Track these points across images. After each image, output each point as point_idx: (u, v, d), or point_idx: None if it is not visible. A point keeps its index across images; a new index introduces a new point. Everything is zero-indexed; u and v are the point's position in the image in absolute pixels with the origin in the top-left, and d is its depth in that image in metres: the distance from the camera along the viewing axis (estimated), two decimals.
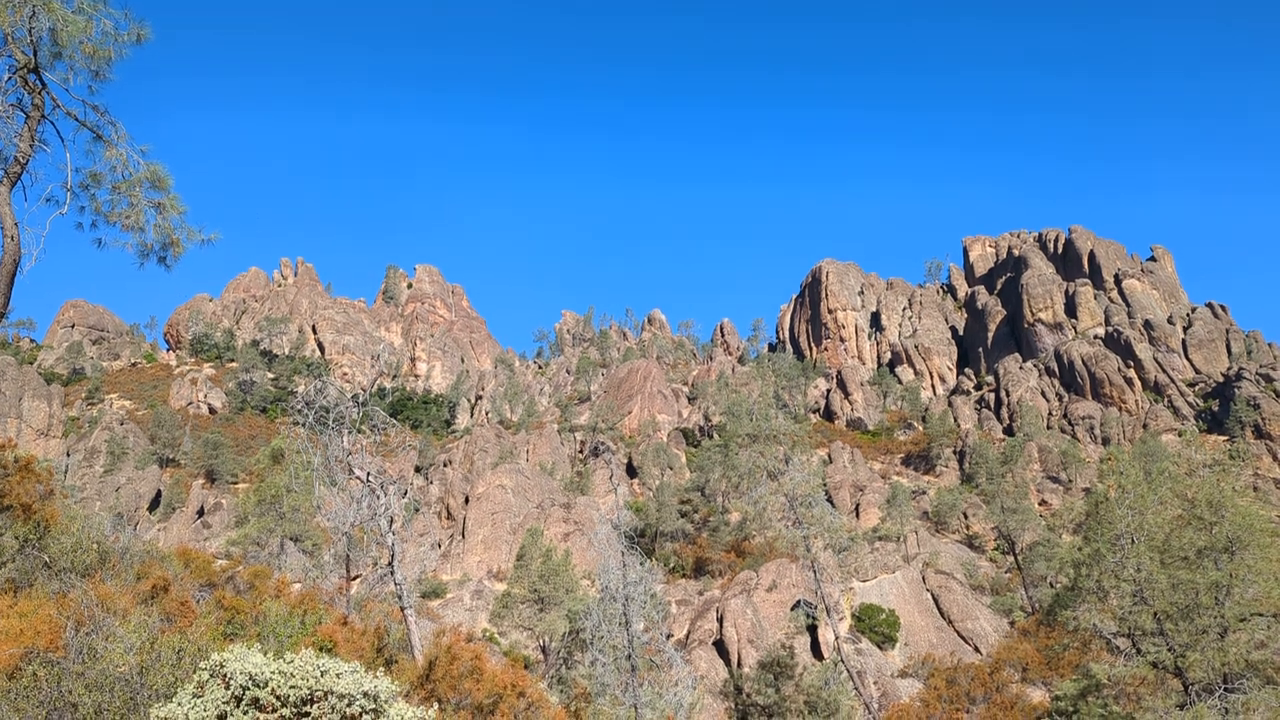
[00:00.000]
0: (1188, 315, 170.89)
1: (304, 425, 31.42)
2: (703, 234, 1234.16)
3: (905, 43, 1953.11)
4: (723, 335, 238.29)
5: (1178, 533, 28.54)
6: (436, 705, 12.53)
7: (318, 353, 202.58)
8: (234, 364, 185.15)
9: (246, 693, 10.38)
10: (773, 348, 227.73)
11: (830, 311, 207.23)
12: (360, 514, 31.28)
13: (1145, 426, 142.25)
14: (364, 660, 21.49)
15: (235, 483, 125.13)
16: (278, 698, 10.33)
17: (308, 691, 10.34)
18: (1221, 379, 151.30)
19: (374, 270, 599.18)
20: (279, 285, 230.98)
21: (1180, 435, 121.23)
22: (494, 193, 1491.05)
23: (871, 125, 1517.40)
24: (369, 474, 31.25)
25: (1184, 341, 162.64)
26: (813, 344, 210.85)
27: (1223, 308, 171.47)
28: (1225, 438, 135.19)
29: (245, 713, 10.27)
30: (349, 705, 10.41)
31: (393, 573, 29.89)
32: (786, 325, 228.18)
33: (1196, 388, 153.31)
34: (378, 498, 30.88)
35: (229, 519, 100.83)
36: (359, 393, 33.54)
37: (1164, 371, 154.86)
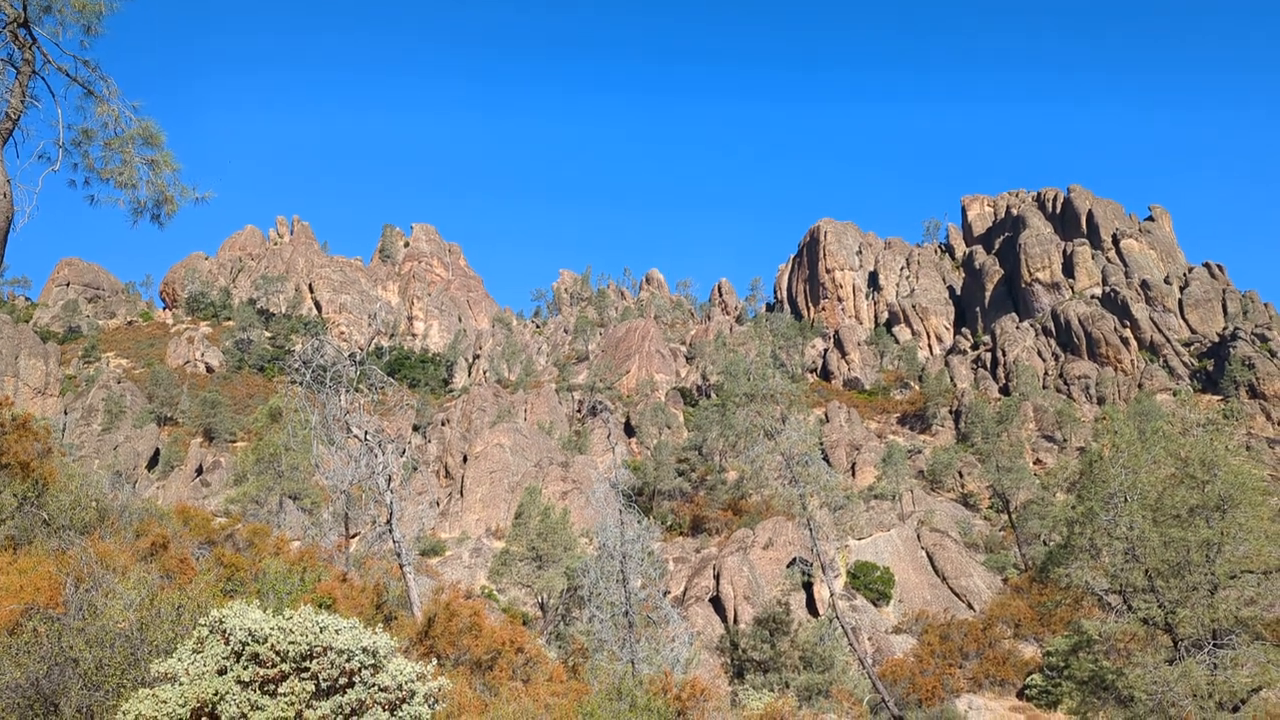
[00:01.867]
0: (1184, 275, 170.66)
1: (302, 384, 31.44)
2: (701, 193, 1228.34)
3: (904, 1, 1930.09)
4: (721, 295, 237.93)
5: (1170, 491, 28.73)
6: (435, 661, 12.68)
7: (315, 311, 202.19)
8: (231, 323, 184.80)
9: (246, 648, 10.49)
10: (770, 307, 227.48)
11: (828, 271, 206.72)
12: (358, 472, 31.41)
13: (1140, 386, 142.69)
14: (363, 617, 21.70)
15: (233, 441, 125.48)
16: (277, 653, 10.44)
17: (307, 647, 10.45)
18: (1217, 339, 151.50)
19: (371, 229, 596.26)
20: (275, 244, 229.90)
21: (1175, 395, 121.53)
22: (491, 151, 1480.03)
23: (871, 84, 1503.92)
24: (367, 432, 31.33)
25: (1180, 301, 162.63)
26: (810, 304, 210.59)
27: (1220, 267, 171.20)
28: (1220, 397, 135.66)
29: (245, 668, 10.38)
30: (348, 660, 10.52)
31: (391, 531, 30.09)
32: (784, 285, 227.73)
33: (1192, 347, 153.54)
34: (375, 456, 30.99)
35: (227, 477, 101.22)
36: (356, 351, 33.53)
37: (1160, 331, 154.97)
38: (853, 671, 45.42)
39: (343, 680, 10.57)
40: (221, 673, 10.59)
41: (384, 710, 10.46)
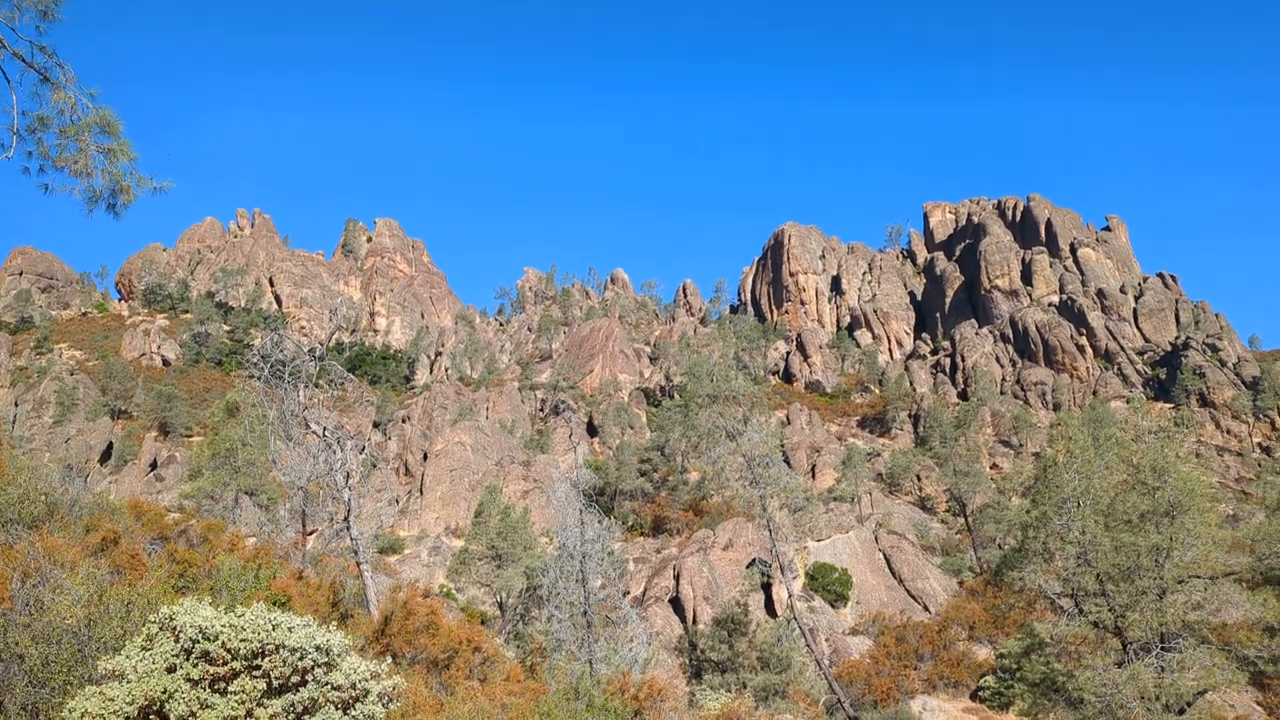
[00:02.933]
0: (1139, 285, 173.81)
1: (260, 378, 31.06)
2: (668, 194, 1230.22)
3: (871, 3, 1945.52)
4: (685, 296, 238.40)
5: (1122, 497, 29.24)
6: (391, 659, 12.58)
7: (275, 305, 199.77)
8: (188, 315, 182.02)
9: (196, 645, 10.33)
10: (734, 309, 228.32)
11: (792, 274, 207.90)
12: (316, 469, 31.07)
13: (1095, 393, 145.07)
14: (319, 615, 21.47)
15: (189, 435, 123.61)
16: (228, 650, 10.30)
17: (259, 645, 10.32)
18: (1169, 348, 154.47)
19: (333, 223, 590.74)
20: (235, 236, 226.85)
21: (1128, 402, 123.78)
22: (456, 147, 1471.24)
23: (838, 83, 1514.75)
24: (325, 429, 31.00)
25: (1135, 310, 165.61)
26: (774, 306, 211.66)
27: (1173, 278, 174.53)
28: (1171, 405, 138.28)
29: (195, 665, 10.23)
30: (301, 658, 10.40)
31: (349, 528, 29.80)
32: (748, 287, 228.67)
33: (1145, 356, 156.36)
34: (334, 453, 30.68)
35: (182, 472, 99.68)
36: (316, 347, 33.14)
37: (1115, 340, 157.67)
38: (809, 672, 45.70)
39: (295, 679, 10.45)
40: (171, 670, 10.43)
41: (337, 709, 10.35)
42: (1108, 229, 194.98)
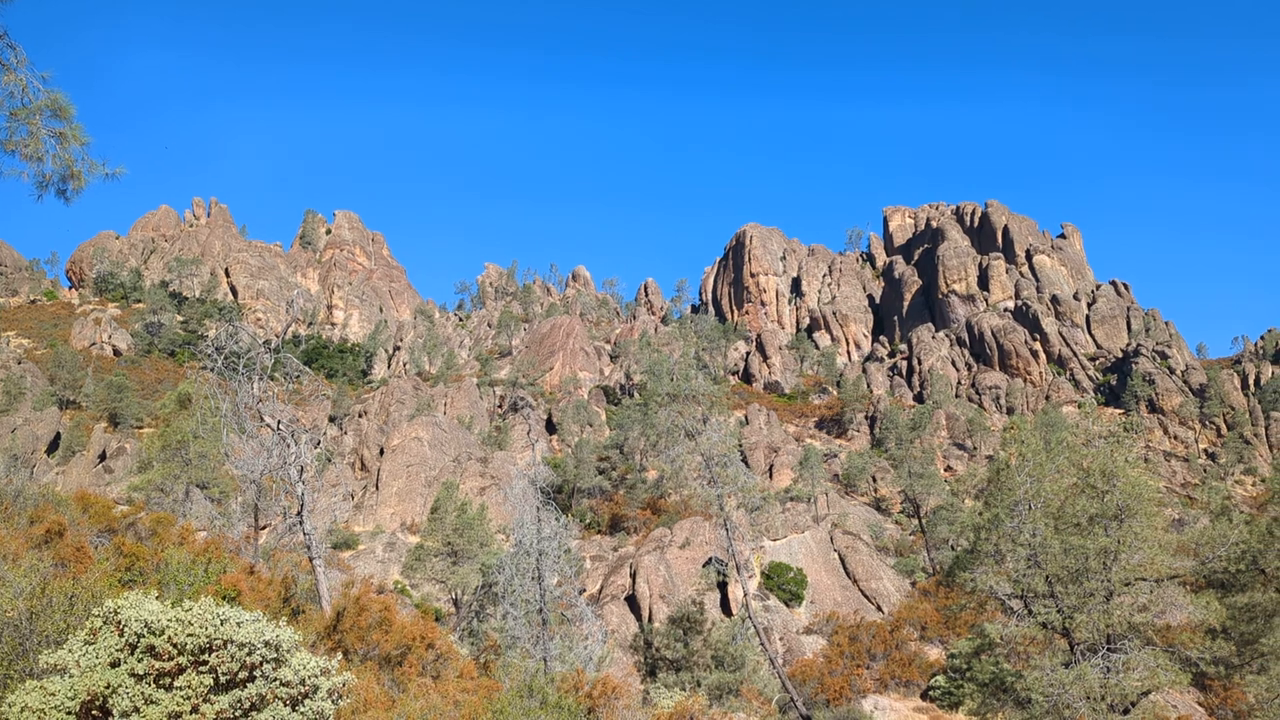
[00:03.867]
0: (1092, 292, 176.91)
1: (213, 370, 30.60)
2: (631, 193, 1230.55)
3: (836, 6, 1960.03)
4: (646, 295, 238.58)
5: (1072, 500, 29.69)
6: (342, 656, 12.44)
7: (230, 296, 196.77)
8: (141, 305, 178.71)
9: (141, 640, 10.13)
10: (695, 309, 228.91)
11: (752, 275, 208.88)
12: (270, 462, 30.68)
13: (1048, 398, 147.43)
14: (269, 610, 21.18)
15: (140, 427, 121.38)
16: (174, 645, 10.11)
17: (206, 640, 10.14)
18: (1121, 354, 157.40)
19: (291, 214, 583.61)
20: (191, 225, 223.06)
21: (1079, 407, 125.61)
22: (418, 141, 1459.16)
23: (802, 85, 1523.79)
24: (280, 422, 30.60)
25: (1088, 317, 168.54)
26: (734, 307, 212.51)
27: (1125, 286, 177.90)
28: (1121, 411, 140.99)
29: (139, 660, 10.03)
30: (249, 654, 10.24)
31: (302, 523, 29.44)
32: (710, 287, 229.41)
33: (1097, 362, 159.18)
34: (288, 446, 30.30)
35: (132, 464, 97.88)
36: (272, 339, 32.73)
37: (1068, 345, 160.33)
38: (763, 671, 45.95)
39: (243, 674, 10.28)
40: (114, 665, 10.21)
41: (285, 705, 10.21)
42: (1063, 236, 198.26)
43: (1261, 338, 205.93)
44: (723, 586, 65.56)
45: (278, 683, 10.30)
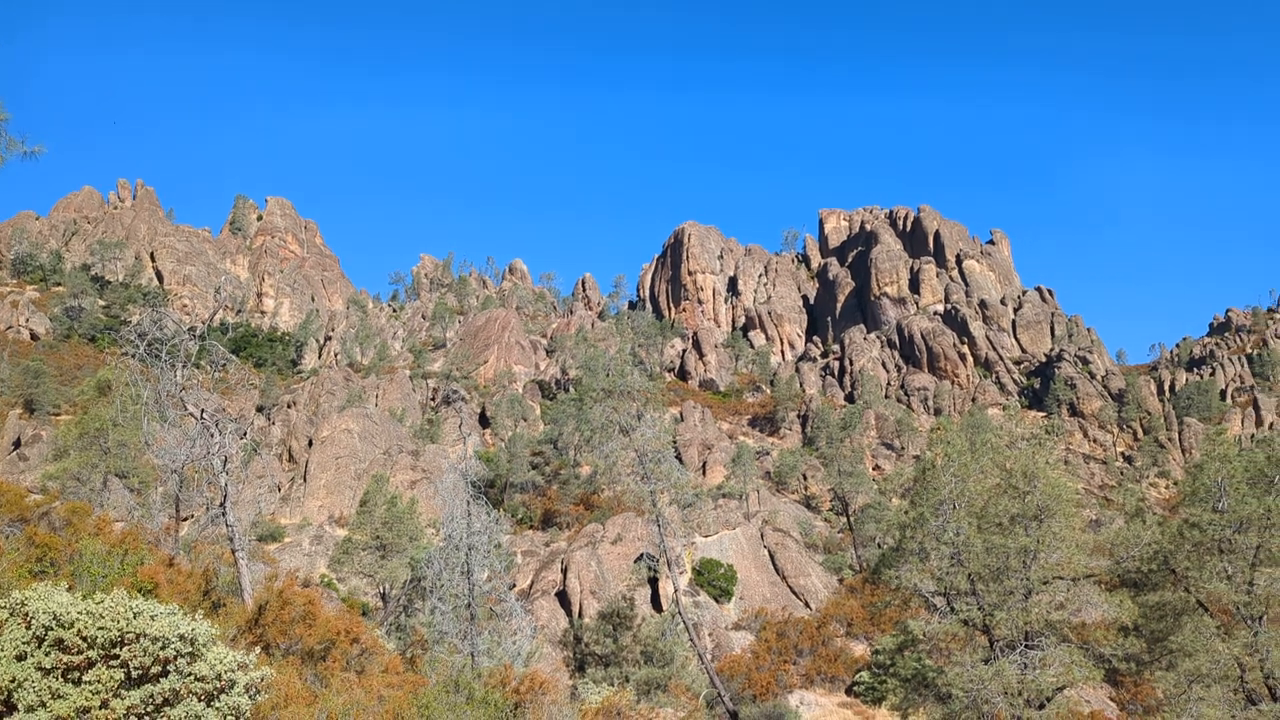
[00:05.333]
0: (1019, 297, 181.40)
1: (136, 356, 29.77)
2: (569, 188, 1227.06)
3: (778, 6, 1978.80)
4: (584, 290, 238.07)
5: (994, 500, 30.38)
6: (263, 650, 12.17)
7: (155, 282, 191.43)
8: (61, 288, 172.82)
9: (49, 633, 9.79)
10: (633, 305, 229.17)
11: (690, 274, 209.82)
12: (193, 452, 29.98)
13: (974, 400, 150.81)
14: (188, 603, 20.66)
15: (57, 414, 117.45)
16: (84, 639, 9.78)
17: (118, 633, 9.83)
18: (1044, 359, 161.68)
19: (222, 199, 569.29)
20: (115, 207, 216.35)
21: (1004, 409, 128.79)
22: (355, 130, 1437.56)
23: (741, 83, 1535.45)
24: (204, 411, 29.90)
25: (1014, 322, 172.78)
26: (672, 304, 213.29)
27: (1050, 292, 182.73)
28: (1044, 414, 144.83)
29: (47, 654, 9.69)
30: (163, 648, 9.96)
31: (225, 514, 28.82)
32: (648, 284, 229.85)
33: (1022, 366, 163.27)
34: (212, 436, 29.62)
35: (48, 452, 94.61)
36: (198, 326, 31.92)
37: (994, 349, 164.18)
38: (692, 666, 46.23)
39: (156, 669, 9.99)
40: (20, 658, 9.85)
41: (199, 701, 9.95)
42: (991, 242, 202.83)
43: (1177, 346, 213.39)
44: (654, 582, 65.79)
45: (192, 677, 10.04)
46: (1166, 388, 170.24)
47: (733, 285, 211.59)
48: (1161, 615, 30.58)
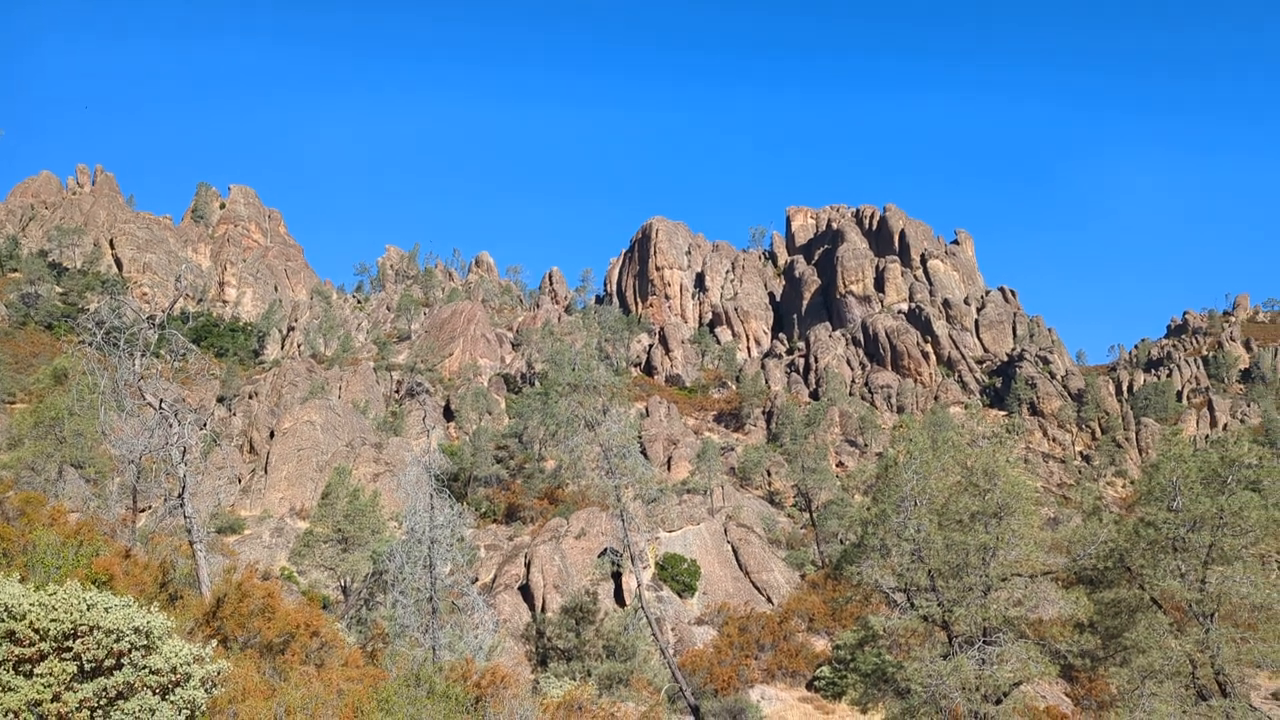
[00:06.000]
0: (982, 297, 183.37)
1: (94, 345, 29.29)
2: (538, 182, 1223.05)
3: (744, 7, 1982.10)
4: (551, 284, 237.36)
5: (955, 497, 30.73)
6: (217, 643, 12.03)
7: (115, 269, 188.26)
8: (17, 274, 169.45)
9: (1, 625, 9.60)
10: (600, 300, 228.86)
11: (658, 269, 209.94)
12: (151, 443, 29.56)
13: (936, 398, 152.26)
14: (144, 596, 20.37)
15: (11, 402, 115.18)
16: (36, 631, 9.60)
17: (71, 625, 9.66)
18: (1006, 358, 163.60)
19: (184, 187, 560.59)
20: (74, 193, 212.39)
21: (966, 408, 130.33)
22: (321, 118, 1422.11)
23: (714, 79, 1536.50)
24: (163, 401, 29.47)
25: (976, 321, 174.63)
26: (639, 299, 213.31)
27: (1012, 292, 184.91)
28: (1005, 413, 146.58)
29: None
30: (117, 641, 9.80)
31: (183, 505, 28.43)
32: (615, 279, 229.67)
33: (984, 365, 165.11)
34: (171, 426, 29.21)
35: (2, 441, 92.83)
36: (158, 314, 31.42)
37: (957, 348, 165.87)
38: (654, 661, 46.32)
39: (109, 662, 9.83)
40: None
41: (154, 694, 9.80)
42: (956, 242, 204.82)
43: (1135, 347, 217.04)
44: (617, 577, 65.84)
45: (147, 671, 9.88)
46: (1125, 388, 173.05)
47: (700, 281, 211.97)
48: (1116, 612, 31.09)
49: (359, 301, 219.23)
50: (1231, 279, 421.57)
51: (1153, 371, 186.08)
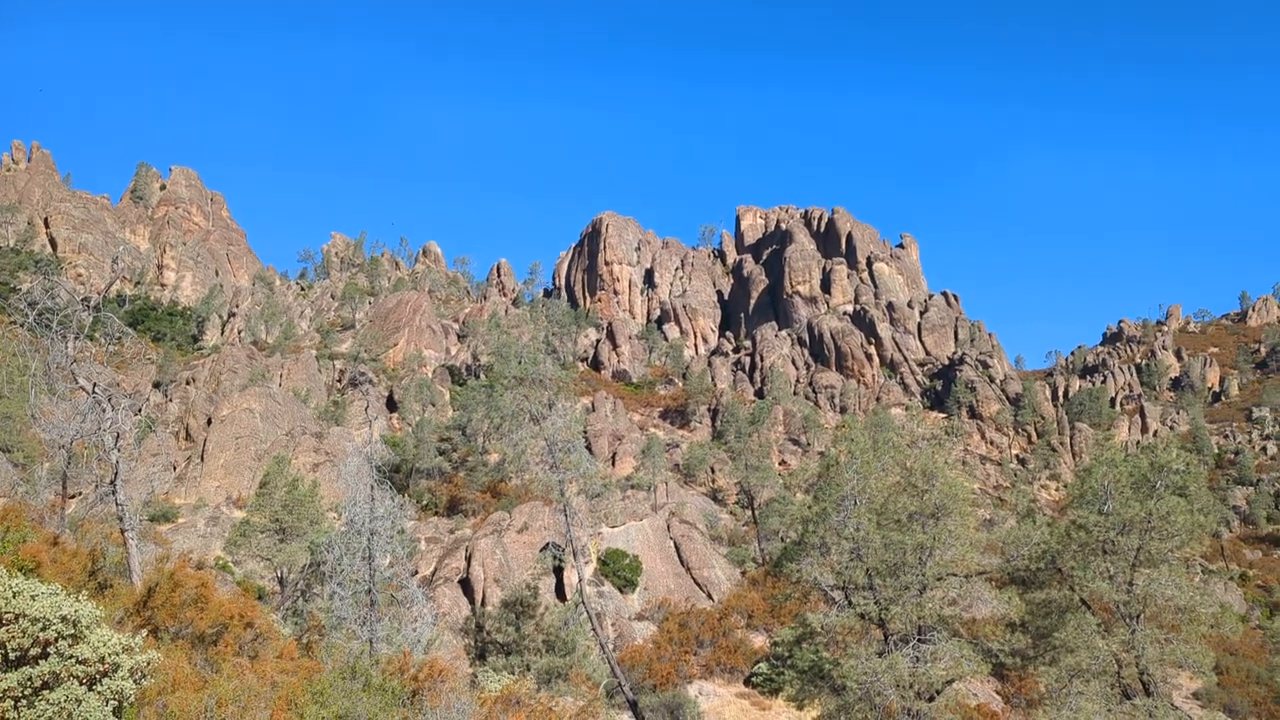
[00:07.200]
0: (925, 301, 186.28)
1: (25, 326, 28.50)
2: (487, 173, 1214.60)
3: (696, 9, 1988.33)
4: (499, 275, 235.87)
5: (894, 497, 31.20)
6: (148, 633, 11.78)
7: (49, 248, 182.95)
8: None
9: None
10: (548, 293, 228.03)
11: (607, 264, 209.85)
12: (83, 427, 28.88)
13: (879, 399, 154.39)
14: (73, 584, 19.87)
15: None
16: None
17: None
18: (947, 361, 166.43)
19: (124, 167, 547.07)
20: (8, 170, 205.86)
21: (907, 409, 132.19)
22: (268, 102, 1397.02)
23: (665, 75, 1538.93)
24: (96, 385, 28.78)
25: (919, 325, 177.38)
26: (587, 294, 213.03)
27: (955, 297, 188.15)
28: (944, 415, 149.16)
29: None
30: (43, 629, 9.55)
31: (115, 492, 27.80)
32: (564, 273, 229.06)
33: (925, 367, 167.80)
34: (104, 411, 28.54)
35: None
36: (93, 296, 30.67)
37: (900, 351, 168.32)
38: (594, 656, 46.36)
39: (35, 651, 9.58)
40: None
41: (81, 684, 9.57)
42: (901, 246, 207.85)
43: (1072, 353, 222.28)
44: (559, 572, 65.75)
45: (74, 660, 9.65)
46: (1061, 393, 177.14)
47: (649, 277, 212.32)
48: (1047, 612, 31.84)
49: (303, 289, 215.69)
50: (1166, 289, 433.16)
51: (1088, 378, 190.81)
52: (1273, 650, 56.43)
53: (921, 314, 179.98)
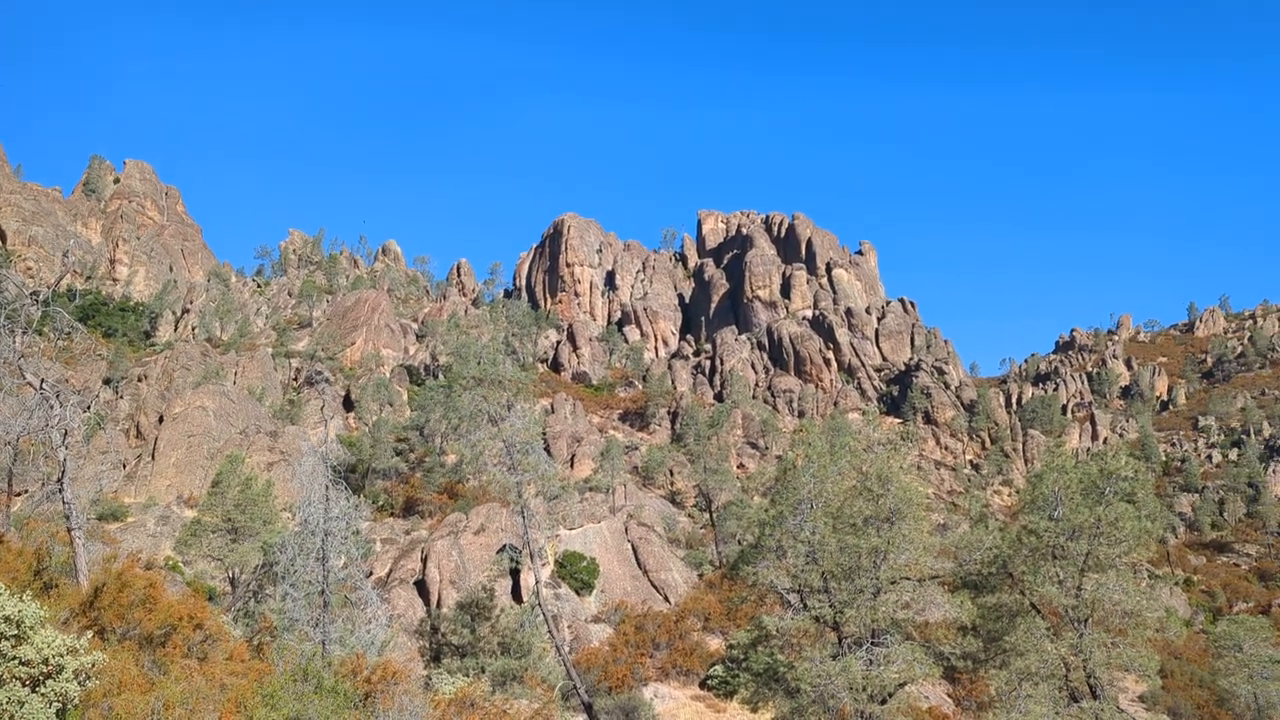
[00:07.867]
0: (883, 307, 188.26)
1: None
2: (447, 171, 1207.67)
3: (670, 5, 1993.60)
4: (459, 275, 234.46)
5: (850, 501, 31.48)
6: (94, 634, 11.56)
7: None
8: None
9: None
10: (509, 294, 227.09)
11: (568, 265, 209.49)
12: (30, 424, 28.27)
13: (836, 404, 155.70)
14: (17, 583, 19.45)
15: None
16: None
17: None
18: (904, 368, 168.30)
19: (76, 159, 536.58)
20: None
21: (864, 414, 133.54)
22: (225, 94, 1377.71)
23: (627, 75, 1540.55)
24: (44, 381, 28.21)
25: (877, 331, 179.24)
26: (548, 295, 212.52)
27: (912, 304, 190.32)
28: (900, 420, 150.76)
29: None
30: None
31: (62, 490, 27.26)
32: (525, 274, 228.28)
33: (882, 373, 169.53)
34: (52, 408, 27.98)
35: None
36: (42, 290, 30.08)
37: (857, 356, 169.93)
38: (550, 658, 46.21)
39: None
40: None
41: (23, 686, 9.37)
42: (860, 252, 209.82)
43: (1025, 361, 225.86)
44: (515, 574, 65.46)
45: (16, 661, 9.45)
46: (1014, 400, 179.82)
47: (610, 280, 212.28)
48: (998, 616, 32.30)
49: (259, 286, 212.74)
50: (1116, 299, 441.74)
51: (1041, 385, 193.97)
52: (1215, 654, 57.71)
53: (879, 320, 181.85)
